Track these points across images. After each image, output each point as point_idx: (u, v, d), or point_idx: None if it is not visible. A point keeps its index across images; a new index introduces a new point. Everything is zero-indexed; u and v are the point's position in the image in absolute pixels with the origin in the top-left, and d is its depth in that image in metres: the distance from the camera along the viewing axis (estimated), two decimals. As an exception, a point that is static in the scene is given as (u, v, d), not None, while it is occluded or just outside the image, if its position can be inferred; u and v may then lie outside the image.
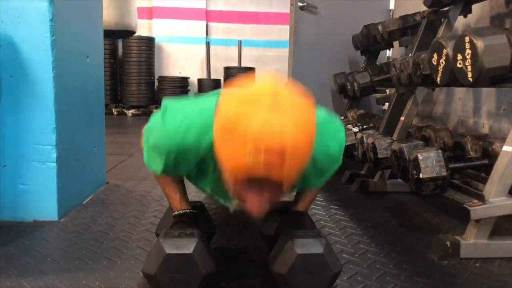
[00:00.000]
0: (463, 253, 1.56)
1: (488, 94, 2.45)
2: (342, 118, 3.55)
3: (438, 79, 1.85)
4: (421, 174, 1.65)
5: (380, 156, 2.10)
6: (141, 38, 6.90)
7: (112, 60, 6.97)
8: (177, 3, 7.46)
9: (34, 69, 1.80)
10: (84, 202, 2.15)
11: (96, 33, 2.34)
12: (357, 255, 1.59)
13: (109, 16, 4.66)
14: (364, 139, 2.26)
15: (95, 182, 2.37)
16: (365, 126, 2.78)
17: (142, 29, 7.18)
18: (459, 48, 1.64)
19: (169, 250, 1.19)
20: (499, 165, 1.56)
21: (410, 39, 2.61)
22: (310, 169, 1.17)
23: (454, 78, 1.74)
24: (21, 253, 1.54)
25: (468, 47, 1.58)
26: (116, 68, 7.14)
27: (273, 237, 1.46)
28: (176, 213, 1.41)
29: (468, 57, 1.59)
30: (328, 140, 1.27)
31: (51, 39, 1.79)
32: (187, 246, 1.20)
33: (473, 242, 1.57)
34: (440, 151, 1.67)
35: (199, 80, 7.23)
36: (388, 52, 3.80)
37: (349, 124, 2.88)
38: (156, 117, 1.28)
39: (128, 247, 1.62)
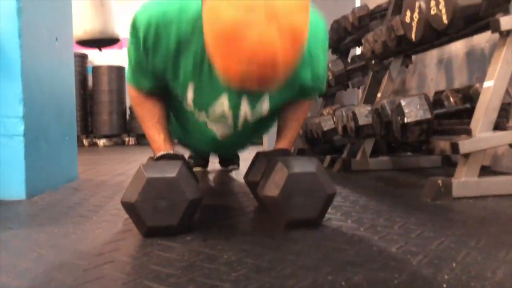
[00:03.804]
0: (456, 193, 1.51)
1: (459, 68, 2.50)
2: (318, 121, 3.54)
3: (413, 36, 1.87)
4: (405, 119, 1.62)
5: (361, 123, 2.07)
6: (111, 67, 6.87)
7: (82, 91, 6.87)
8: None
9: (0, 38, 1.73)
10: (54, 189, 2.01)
11: (66, 15, 2.29)
12: (347, 203, 1.52)
13: (93, 25, 4.59)
14: (344, 112, 2.24)
15: (66, 174, 2.24)
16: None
17: (112, 58, 7.16)
18: (431, -6, 1.66)
19: (150, 174, 1.10)
20: (482, 101, 1.55)
21: (380, 22, 2.67)
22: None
23: (429, 29, 1.76)
24: (-15, 218, 1.41)
25: (440, -11, 1.60)
26: (86, 99, 7.03)
27: (259, 182, 1.38)
28: (158, 154, 1.32)
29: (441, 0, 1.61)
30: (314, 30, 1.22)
31: (18, 5, 1.73)
32: (171, 170, 1.12)
33: (464, 180, 1.53)
34: (423, 95, 1.66)
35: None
36: (358, 50, 3.87)
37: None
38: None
39: (104, 209, 1.50)
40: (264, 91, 1.01)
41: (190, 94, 1.32)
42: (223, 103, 1.32)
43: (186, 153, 2.41)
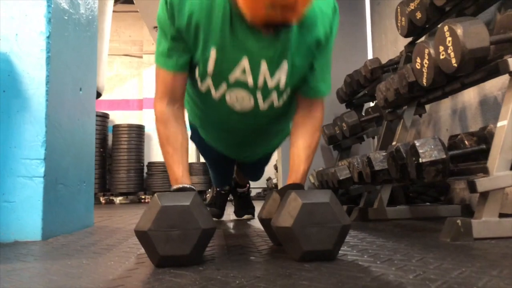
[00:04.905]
0: (476, 233, 1.47)
1: (473, 117, 2.51)
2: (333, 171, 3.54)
3: (424, 81, 1.92)
4: (420, 159, 1.62)
5: (376, 168, 2.06)
6: (131, 126, 7.07)
7: (101, 149, 7.04)
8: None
9: (28, 84, 1.82)
10: (69, 233, 2.02)
11: (90, 68, 2.41)
12: (364, 243, 1.49)
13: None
14: (359, 159, 2.24)
15: (82, 219, 2.25)
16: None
17: (133, 118, 7.39)
18: (440, 40, 1.72)
19: (164, 203, 1.11)
20: (497, 140, 1.54)
21: (392, 74, 2.73)
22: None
23: (439, 73, 1.80)
24: None
25: (448, 35, 1.66)
26: (105, 157, 7.18)
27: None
28: (175, 187, 1.34)
29: (450, 44, 1.66)
30: None
31: (47, 55, 1.85)
32: (184, 199, 1.13)
33: (484, 220, 1.49)
34: (437, 137, 1.66)
35: (189, 165, 7.27)
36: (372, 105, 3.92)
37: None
38: None
39: (118, 248, 1.49)
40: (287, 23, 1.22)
41: (211, 63, 1.37)
42: (244, 67, 1.37)
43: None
